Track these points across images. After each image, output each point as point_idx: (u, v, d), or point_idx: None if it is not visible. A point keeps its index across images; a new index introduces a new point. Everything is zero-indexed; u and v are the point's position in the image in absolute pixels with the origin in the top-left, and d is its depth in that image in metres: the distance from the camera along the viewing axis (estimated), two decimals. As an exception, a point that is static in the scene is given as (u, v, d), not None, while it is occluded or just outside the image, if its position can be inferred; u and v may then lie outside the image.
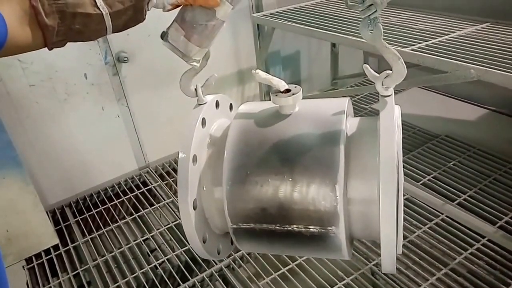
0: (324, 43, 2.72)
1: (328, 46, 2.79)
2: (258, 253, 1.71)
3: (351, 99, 0.69)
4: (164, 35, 0.74)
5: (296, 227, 0.64)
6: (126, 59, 2.16)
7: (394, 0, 0.53)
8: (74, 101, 2.11)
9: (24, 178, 1.80)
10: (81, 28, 0.70)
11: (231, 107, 0.83)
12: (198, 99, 0.74)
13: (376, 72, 0.59)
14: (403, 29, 1.86)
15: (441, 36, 1.73)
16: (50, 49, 0.73)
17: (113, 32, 0.72)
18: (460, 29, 1.82)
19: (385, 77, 0.56)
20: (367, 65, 0.55)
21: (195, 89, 0.75)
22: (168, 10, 0.73)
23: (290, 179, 0.63)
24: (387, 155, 0.53)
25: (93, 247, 1.95)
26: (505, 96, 2.31)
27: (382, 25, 0.53)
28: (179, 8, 0.72)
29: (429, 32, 1.80)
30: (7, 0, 0.66)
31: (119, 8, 0.69)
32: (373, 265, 1.60)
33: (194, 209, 0.68)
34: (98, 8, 0.68)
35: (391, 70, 0.57)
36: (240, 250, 1.71)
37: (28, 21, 0.66)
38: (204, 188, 0.72)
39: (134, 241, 1.94)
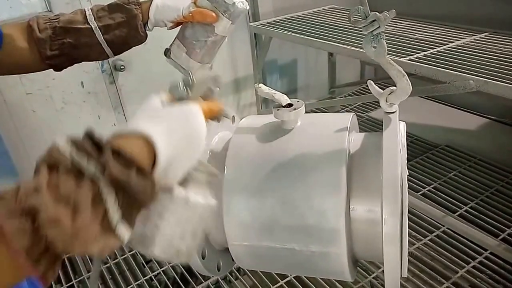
0: (322, 51, 2.71)
1: (325, 55, 2.78)
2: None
3: (347, 107, 0.68)
4: (167, 52, 0.76)
5: (297, 246, 0.62)
6: (122, 67, 2.14)
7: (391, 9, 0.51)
8: (70, 109, 2.09)
9: (18, 188, 1.78)
10: (73, 42, 0.77)
11: (233, 119, 0.83)
12: None
13: (374, 82, 0.57)
14: (401, 38, 1.85)
15: (439, 46, 1.72)
16: (55, 69, 0.84)
17: (115, 53, 0.80)
18: (459, 39, 1.81)
19: (389, 94, 0.55)
20: (371, 81, 0.53)
21: None
22: (171, 28, 0.76)
23: (291, 197, 0.61)
24: (390, 177, 0.51)
25: (87, 258, 1.92)
26: (506, 106, 2.30)
27: (379, 34, 0.51)
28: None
29: (427, 42, 1.79)
30: (10, 23, 0.77)
31: (109, 22, 0.75)
32: (373, 278, 1.57)
33: None
34: (88, 23, 0.76)
35: (394, 83, 0.56)
36: (238, 263, 1.68)
37: (26, 38, 0.76)
38: (203, 204, 0.71)
39: (130, 252, 1.90)
